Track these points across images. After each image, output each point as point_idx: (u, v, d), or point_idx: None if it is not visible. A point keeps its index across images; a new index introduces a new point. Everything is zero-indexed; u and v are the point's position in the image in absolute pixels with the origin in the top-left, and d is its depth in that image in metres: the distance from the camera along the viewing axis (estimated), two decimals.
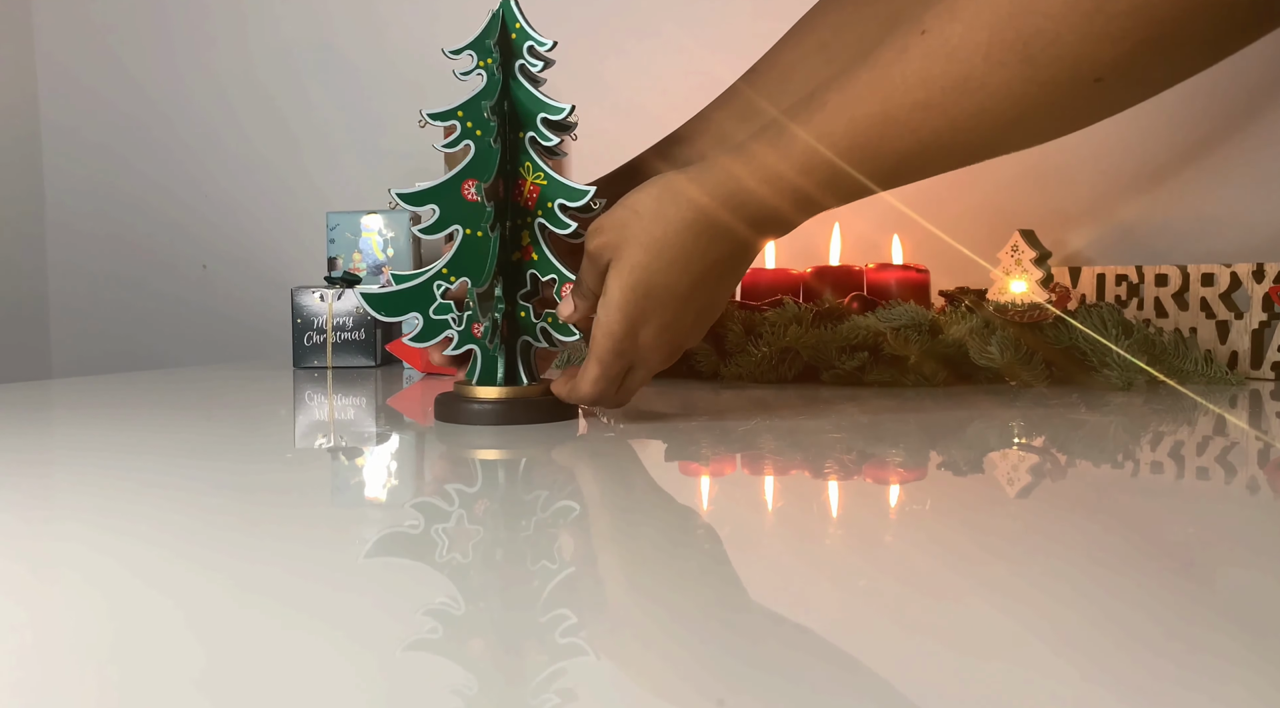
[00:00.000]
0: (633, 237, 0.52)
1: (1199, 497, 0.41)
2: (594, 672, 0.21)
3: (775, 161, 0.49)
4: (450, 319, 0.57)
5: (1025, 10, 0.41)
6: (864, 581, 0.29)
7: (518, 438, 0.53)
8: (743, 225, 0.51)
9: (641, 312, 0.52)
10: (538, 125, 0.56)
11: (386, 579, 0.29)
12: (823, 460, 0.48)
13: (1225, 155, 0.96)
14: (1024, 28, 0.41)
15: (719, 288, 0.55)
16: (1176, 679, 0.21)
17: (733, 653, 0.22)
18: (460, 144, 0.56)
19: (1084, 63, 0.41)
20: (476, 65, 0.56)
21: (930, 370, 0.75)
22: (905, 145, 0.46)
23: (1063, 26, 0.40)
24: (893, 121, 0.45)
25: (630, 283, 0.52)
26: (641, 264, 0.52)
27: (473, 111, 0.55)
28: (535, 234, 0.57)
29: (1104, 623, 0.24)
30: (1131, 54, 0.40)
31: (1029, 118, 0.44)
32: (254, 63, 1.43)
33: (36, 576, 0.29)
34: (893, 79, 0.45)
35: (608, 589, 0.28)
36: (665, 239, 0.51)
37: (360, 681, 0.21)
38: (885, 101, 0.45)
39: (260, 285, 1.42)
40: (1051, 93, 0.42)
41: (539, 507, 0.38)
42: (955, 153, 0.47)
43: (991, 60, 0.42)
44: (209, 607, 0.26)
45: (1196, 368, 0.75)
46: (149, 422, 0.63)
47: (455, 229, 0.56)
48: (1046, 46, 0.41)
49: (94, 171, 1.51)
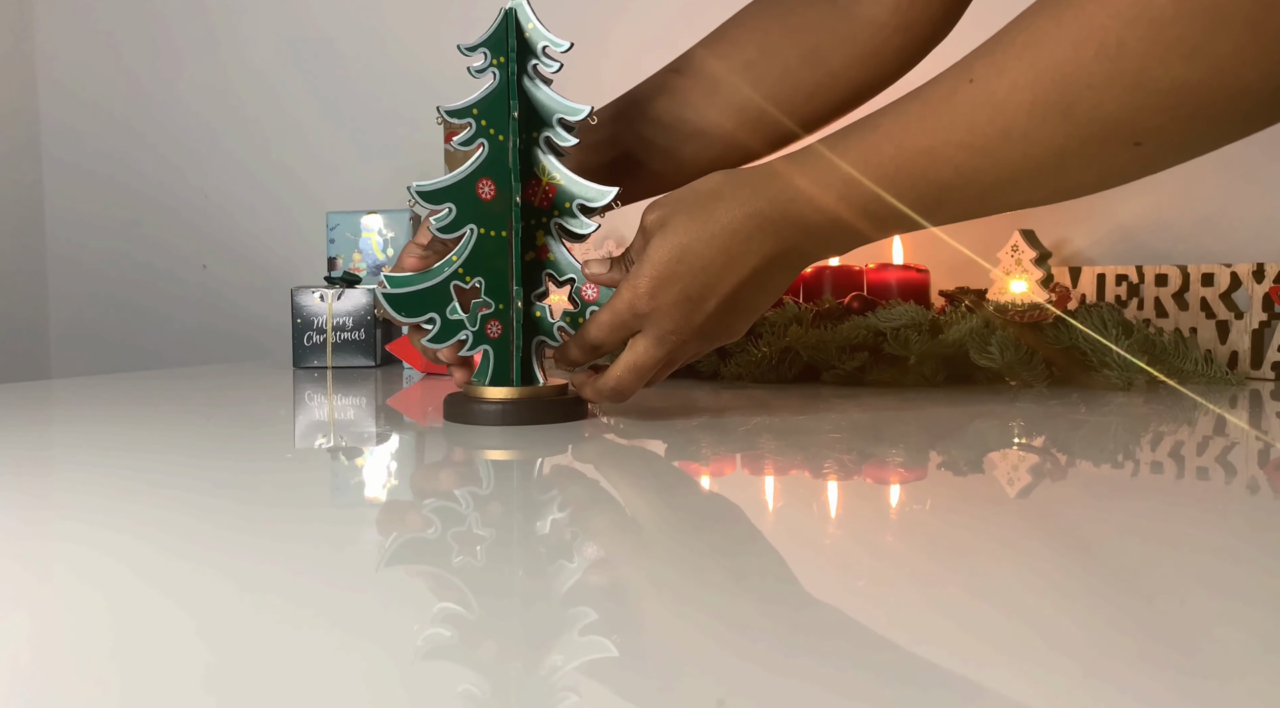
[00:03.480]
0: (686, 209, 0.53)
1: (1199, 497, 0.41)
2: (602, 673, 0.21)
3: (828, 171, 0.50)
4: (466, 319, 0.57)
5: (1069, 79, 0.42)
6: (863, 581, 0.29)
7: (525, 438, 0.53)
8: (795, 230, 0.52)
9: (672, 274, 0.52)
10: (554, 125, 0.56)
11: (389, 579, 0.29)
12: (823, 461, 0.48)
13: (1225, 155, 0.96)
14: (1067, 93, 0.42)
15: (759, 291, 0.54)
16: (1177, 679, 0.21)
17: (733, 654, 0.22)
18: (474, 142, 0.56)
19: (1124, 128, 0.42)
20: (490, 63, 0.56)
21: (930, 370, 0.75)
22: (948, 177, 0.47)
23: (1105, 96, 0.41)
24: (938, 156, 0.47)
25: (668, 245, 0.52)
26: (685, 230, 0.52)
27: (487, 110, 0.55)
28: (551, 234, 0.57)
29: (1104, 623, 0.24)
30: (1171, 125, 0.41)
31: (1069, 169, 0.45)
32: (254, 63, 1.43)
33: (36, 575, 0.29)
34: (940, 118, 0.46)
35: (614, 590, 0.28)
36: (716, 217, 0.52)
37: (366, 681, 0.21)
38: (931, 136, 0.47)
39: (260, 285, 1.42)
40: (1091, 149, 0.44)
41: (541, 507, 0.38)
42: (997, 193, 0.48)
43: (1035, 117, 0.43)
44: (209, 607, 0.26)
45: (1196, 368, 0.75)
46: (149, 422, 0.63)
47: (470, 227, 0.56)
48: (1089, 111, 0.42)
49: (94, 171, 1.51)
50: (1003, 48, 0.44)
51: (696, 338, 0.55)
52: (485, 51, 0.56)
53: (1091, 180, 0.47)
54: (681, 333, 0.54)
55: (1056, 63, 0.42)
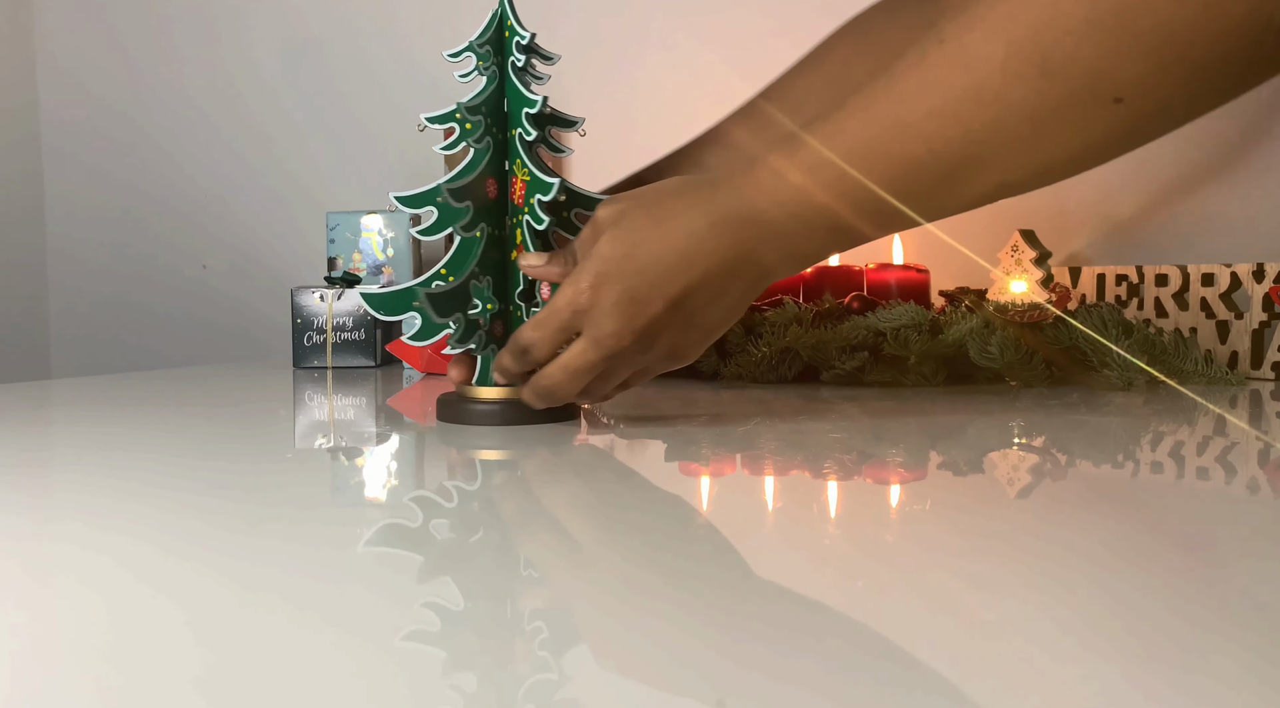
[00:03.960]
0: (643, 206, 0.49)
1: (1199, 497, 0.41)
2: (594, 671, 0.21)
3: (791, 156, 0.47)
4: (450, 321, 0.57)
5: (1046, 25, 0.40)
6: (862, 581, 0.29)
7: (518, 438, 0.53)
8: (755, 231, 0.48)
9: (619, 270, 0.48)
10: (521, 121, 0.56)
11: (388, 579, 0.29)
12: (823, 461, 0.48)
13: (1225, 155, 0.96)
14: (1043, 41, 0.40)
15: (711, 302, 0.50)
16: (1177, 680, 0.21)
17: (734, 653, 0.22)
18: (459, 146, 0.56)
19: (1104, 80, 0.40)
20: (475, 66, 0.56)
21: (930, 370, 0.75)
22: (917, 152, 0.44)
23: (1084, 43, 0.39)
24: (907, 129, 0.44)
25: (619, 240, 0.49)
26: (638, 226, 0.49)
27: (471, 113, 0.55)
28: (524, 232, 0.57)
29: (1104, 623, 0.24)
30: (1154, 75, 0.39)
31: (1045, 135, 0.43)
32: (254, 62, 1.43)
33: (36, 575, 0.29)
34: (909, 83, 0.44)
35: (608, 587, 0.28)
36: (673, 214, 0.48)
37: (360, 678, 0.21)
38: (900, 104, 0.44)
39: (260, 285, 1.42)
40: (1069, 110, 0.41)
41: (537, 505, 0.38)
42: (968, 170, 0.45)
43: (1008, 72, 0.41)
44: (209, 607, 0.26)
45: (1196, 368, 0.75)
46: (148, 422, 0.63)
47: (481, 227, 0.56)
48: (1065, 62, 0.40)
49: (94, 171, 1.51)
50: (975, 3, 0.42)
51: (638, 346, 0.50)
52: (471, 55, 0.56)
53: (1071, 151, 0.44)
54: (621, 336, 0.49)
55: (1032, 8, 0.40)
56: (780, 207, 0.48)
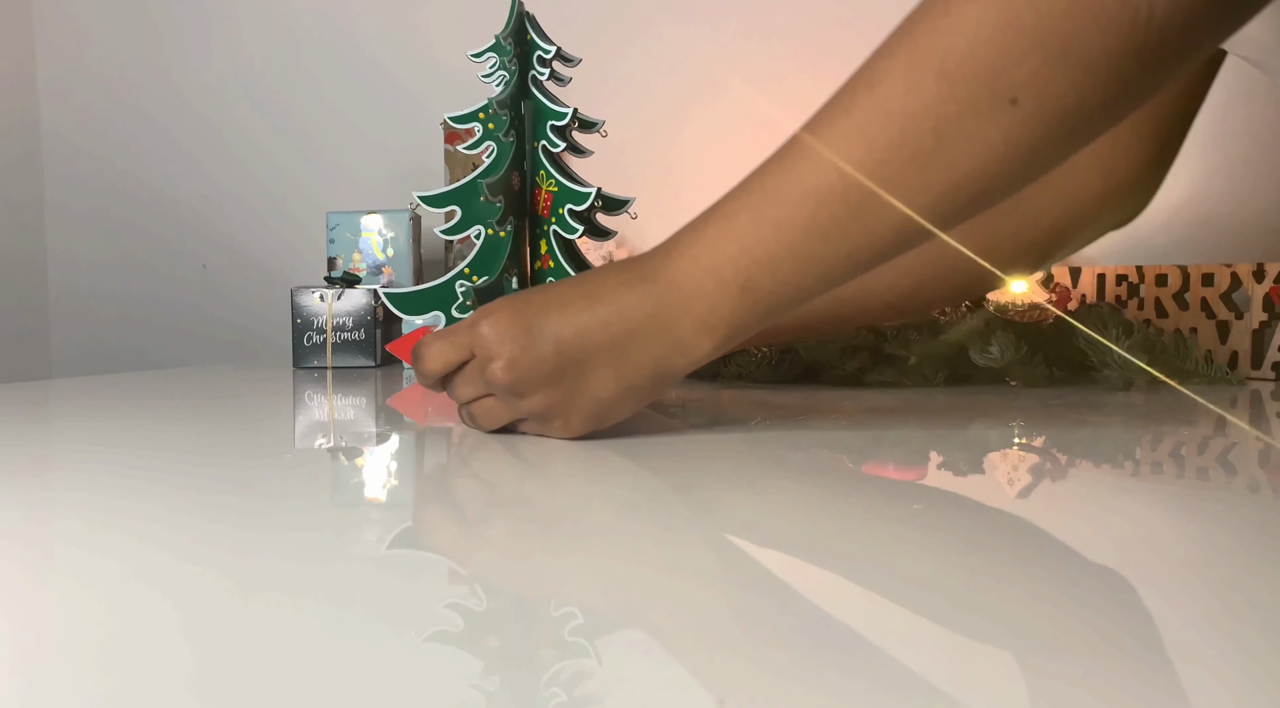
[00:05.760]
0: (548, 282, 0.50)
1: (1199, 497, 0.41)
2: (601, 671, 0.21)
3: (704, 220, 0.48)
4: None
5: (945, 29, 0.42)
6: (862, 581, 0.29)
7: (519, 437, 0.53)
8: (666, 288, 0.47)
9: (523, 299, 0.49)
10: (547, 132, 0.56)
11: (389, 578, 0.29)
12: (822, 461, 0.48)
13: (1225, 155, 0.96)
14: (940, 45, 0.42)
15: (610, 366, 0.48)
16: (1177, 680, 0.21)
17: (734, 653, 0.22)
18: (482, 146, 0.56)
19: (1000, 79, 0.41)
20: (499, 63, 0.56)
21: (930, 370, 0.75)
22: (828, 181, 0.44)
23: (976, 41, 0.41)
24: (818, 157, 0.44)
25: (509, 297, 0.50)
26: (529, 291, 0.50)
27: (500, 108, 0.56)
28: (551, 242, 0.57)
29: (1104, 623, 0.24)
30: (1044, 72, 0.40)
31: (948, 146, 0.42)
32: (254, 62, 1.43)
33: (36, 575, 0.29)
34: (823, 114, 0.45)
35: (611, 587, 0.28)
36: (593, 274, 0.49)
37: (366, 681, 0.21)
38: (814, 132, 0.45)
39: (260, 285, 1.42)
40: (970, 117, 0.42)
41: (537, 505, 0.38)
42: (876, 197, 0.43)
43: (910, 82, 0.42)
44: (209, 606, 0.26)
45: (1196, 368, 0.75)
46: (149, 421, 0.63)
47: (478, 229, 0.56)
48: (961, 61, 0.41)
49: (94, 171, 1.51)
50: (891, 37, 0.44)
51: (514, 387, 0.48)
52: (493, 55, 0.56)
53: (975, 164, 0.43)
54: (500, 368, 0.48)
55: (930, 15, 0.42)
56: (692, 261, 0.47)
